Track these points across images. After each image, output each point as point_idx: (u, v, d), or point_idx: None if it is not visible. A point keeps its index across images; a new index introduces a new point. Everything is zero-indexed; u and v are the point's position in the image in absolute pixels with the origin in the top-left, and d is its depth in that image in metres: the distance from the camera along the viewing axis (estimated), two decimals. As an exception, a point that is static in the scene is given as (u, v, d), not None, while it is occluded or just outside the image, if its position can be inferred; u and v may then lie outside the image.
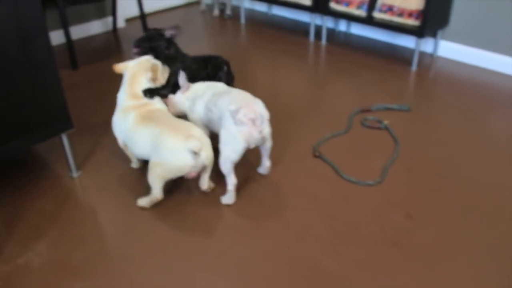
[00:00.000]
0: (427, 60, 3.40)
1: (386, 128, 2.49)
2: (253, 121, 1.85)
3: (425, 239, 1.81)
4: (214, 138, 2.00)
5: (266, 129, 1.94)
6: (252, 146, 1.92)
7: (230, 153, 1.89)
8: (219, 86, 2.17)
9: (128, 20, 4.24)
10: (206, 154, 1.87)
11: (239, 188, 2.07)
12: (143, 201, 1.96)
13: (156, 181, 1.90)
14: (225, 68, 2.43)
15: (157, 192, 1.93)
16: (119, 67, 2.16)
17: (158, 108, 2.09)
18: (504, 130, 2.54)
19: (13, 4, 1.70)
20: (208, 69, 2.42)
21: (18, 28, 1.74)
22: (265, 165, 2.12)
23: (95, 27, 3.96)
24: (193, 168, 1.86)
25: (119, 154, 2.31)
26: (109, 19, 4.01)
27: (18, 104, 1.84)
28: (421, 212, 1.94)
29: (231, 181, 1.95)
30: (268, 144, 2.02)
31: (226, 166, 1.92)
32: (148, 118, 1.98)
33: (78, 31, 3.81)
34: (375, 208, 1.96)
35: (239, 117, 1.85)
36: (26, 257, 1.74)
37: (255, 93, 2.17)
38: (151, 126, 1.94)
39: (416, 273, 1.66)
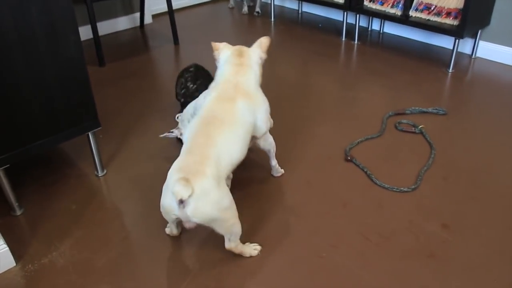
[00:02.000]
0: (465, 62, 3.27)
1: (421, 133, 2.38)
2: None
3: (463, 251, 1.71)
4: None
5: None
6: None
7: None
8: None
9: (155, 16, 4.21)
10: (194, 207, 1.45)
11: (267, 193, 2.01)
12: (167, 229, 1.81)
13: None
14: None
15: (170, 226, 1.78)
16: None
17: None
18: (547, 137, 2.41)
19: (44, 0, 1.67)
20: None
21: (48, 24, 1.70)
22: (271, 164, 2.06)
23: (122, 23, 3.95)
24: (180, 217, 1.52)
25: (146, 154, 2.28)
26: (136, 15, 3.98)
27: (46, 102, 1.81)
28: (459, 223, 1.84)
29: None
30: (262, 143, 1.93)
31: None
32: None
33: (105, 27, 3.80)
34: (409, 217, 1.87)
35: None
36: (50, 257, 1.72)
37: (284, 93, 2.09)
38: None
39: (452, 286, 1.56)
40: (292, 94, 2.83)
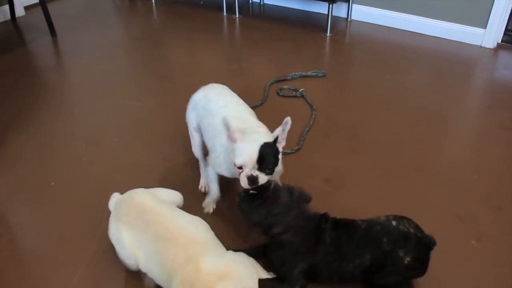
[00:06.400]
0: (342, 25, 3.44)
1: (302, 96, 2.49)
2: None
3: (344, 200, 1.83)
4: None
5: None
6: None
7: None
8: None
9: (28, 8, 3.95)
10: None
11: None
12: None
13: None
14: None
15: None
16: None
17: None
18: (416, 86, 2.62)
19: None
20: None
21: None
22: None
23: (-10, 17, 3.66)
24: None
25: (26, 151, 2.17)
26: (5, 7, 3.70)
27: None
28: (339, 176, 1.96)
29: None
30: None
31: None
32: None
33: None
34: (293, 176, 1.94)
35: None
36: None
37: (170, 73, 2.08)
38: None
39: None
40: (178, 73, 2.82)
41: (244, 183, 1.44)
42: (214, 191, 1.77)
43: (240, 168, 1.44)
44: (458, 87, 2.64)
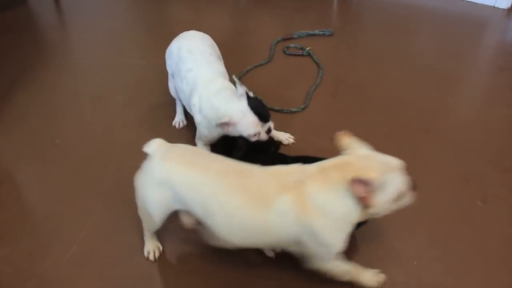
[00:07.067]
0: (350, -17, 3.34)
1: (309, 54, 2.44)
2: None
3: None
4: None
5: None
6: None
7: None
8: None
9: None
10: None
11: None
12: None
13: None
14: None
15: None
16: None
17: None
18: (425, 47, 2.57)
19: None
20: None
21: None
22: None
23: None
24: None
25: (33, 108, 2.16)
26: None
27: None
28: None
29: None
30: None
31: None
32: None
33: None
34: (300, 134, 1.94)
35: None
36: None
37: (175, 33, 2.04)
38: None
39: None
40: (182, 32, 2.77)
41: (265, 137, 1.65)
42: None
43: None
44: (469, 48, 2.58)
